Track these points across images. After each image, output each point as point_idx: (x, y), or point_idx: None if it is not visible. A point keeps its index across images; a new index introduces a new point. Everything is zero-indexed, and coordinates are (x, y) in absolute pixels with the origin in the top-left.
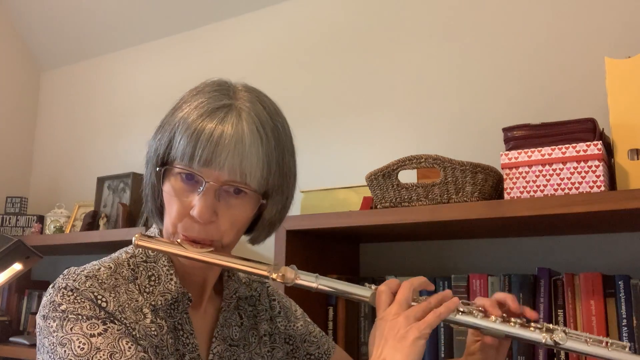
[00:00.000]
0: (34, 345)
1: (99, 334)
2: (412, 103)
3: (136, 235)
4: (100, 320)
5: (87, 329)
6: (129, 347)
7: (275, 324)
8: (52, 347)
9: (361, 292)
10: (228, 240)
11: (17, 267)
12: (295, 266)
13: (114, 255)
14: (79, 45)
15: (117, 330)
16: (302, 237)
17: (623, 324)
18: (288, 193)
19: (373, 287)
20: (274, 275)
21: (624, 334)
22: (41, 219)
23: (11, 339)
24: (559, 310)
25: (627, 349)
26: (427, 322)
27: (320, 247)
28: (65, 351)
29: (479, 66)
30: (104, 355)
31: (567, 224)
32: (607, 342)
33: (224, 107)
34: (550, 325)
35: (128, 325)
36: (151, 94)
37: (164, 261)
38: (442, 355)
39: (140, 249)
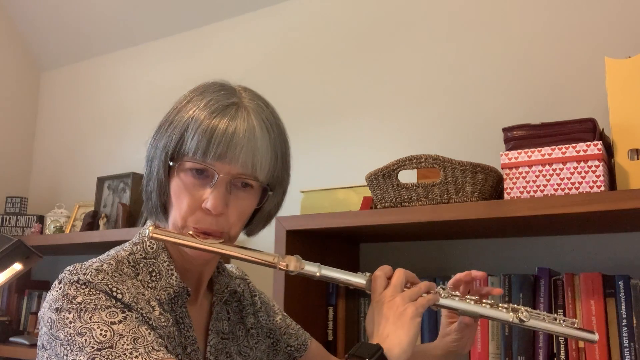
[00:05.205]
0: (34, 345)
1: (119, 322)
2: (412, 103)
3: (150, 228)
4: (118, 309)
5: (107, 317)
6: (149, 333)
7: (257, 318)
8: (70, 337)
9: (358, 279)
10: (235, 232)
11: (17, 267)
12: (299, 256)
13: (112, 252)
14: (79, 45)
15: (136, 318)
16: (302, 237)
17: (623, 324)
18: (286, 186)
19: (367, 274)
20: (281, 264)
21: (624, 334)
22: (41, 219)
23: (11, 339)
24: (559, 310)
25: (575, 325)
26: (421, 303)
27: (320, 247)
28: (86, 340)
29: (479, 66)
30: (127, 340)
31: (567, 224)
32: (560, 320)
33: (233, 105)
34: (515, 306)
35: (144, 315)
36: (151, 94)
37: (164, 257)
38: None
39: (139, 247)
